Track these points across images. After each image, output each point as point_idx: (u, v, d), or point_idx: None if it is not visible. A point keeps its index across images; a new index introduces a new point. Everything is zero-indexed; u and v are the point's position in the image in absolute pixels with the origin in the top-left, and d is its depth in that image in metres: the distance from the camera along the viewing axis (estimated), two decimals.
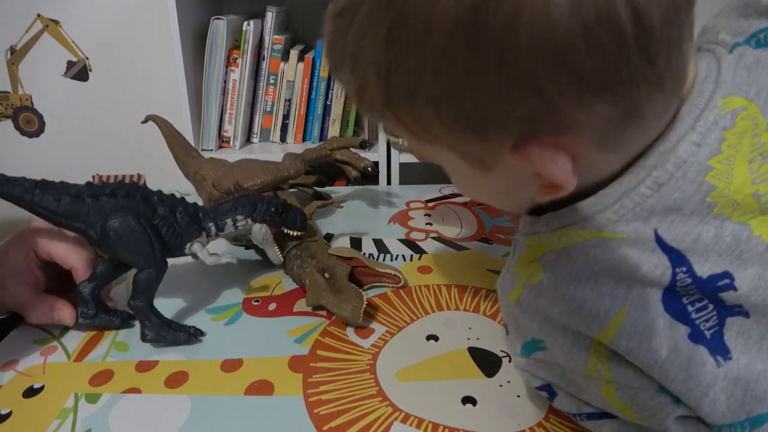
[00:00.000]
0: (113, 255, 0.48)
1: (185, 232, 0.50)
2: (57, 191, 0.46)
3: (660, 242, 0.29)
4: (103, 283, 0.50)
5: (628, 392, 0.30)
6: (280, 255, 0.56)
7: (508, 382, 0.45)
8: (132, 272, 0.49)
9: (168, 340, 0.49)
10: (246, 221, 0.53)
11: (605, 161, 0.30)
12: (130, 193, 0.47)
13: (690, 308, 0.29)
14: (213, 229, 0.52)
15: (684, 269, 0.29)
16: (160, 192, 0.50)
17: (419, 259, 0.65)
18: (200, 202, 0.82)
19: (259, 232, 0.53)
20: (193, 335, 0.50)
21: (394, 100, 0.29)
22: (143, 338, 0.49)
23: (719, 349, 0.29)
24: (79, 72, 1.46)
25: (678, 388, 0.29)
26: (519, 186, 0.32)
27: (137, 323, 0.50)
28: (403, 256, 0.66)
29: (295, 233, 0.56)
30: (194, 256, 0.51)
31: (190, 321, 0.54)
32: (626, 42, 0.23)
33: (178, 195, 0.52)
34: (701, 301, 0.29)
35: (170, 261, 0.50)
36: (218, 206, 0.53)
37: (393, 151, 1.19)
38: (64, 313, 0.50)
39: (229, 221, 0.52)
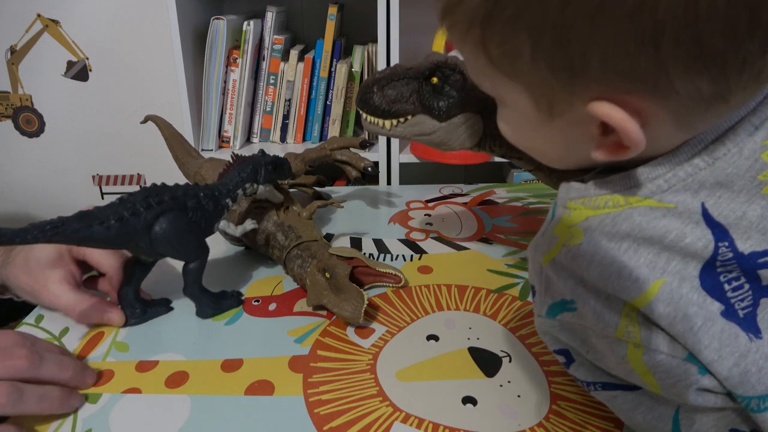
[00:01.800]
0: (162, 257, 0.51)
1: (213, 214, 0.53)
2: (100, 219, 0.46)
3: (706, 216, 0.30)
4: (140, 283, 0.53)
5: (655, 357, 0.30)
6: (277, 192, 0.62)
7: (508, 382, 0.45)
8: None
9: (224, 309, 0.55)
10: (252, 186, 0.57)
11: (672, 137, 0.31)
12: (161, 198, 0.49)
13: (726, 286, 0.29)
14: (230, 203, 0.55)
15: (726, 244, 0.29)
16: (178, 186, 0.52)
17: (419, 259, 0.65)
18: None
19: (265, 191, 0.58)
20: (237, 298, 0.56)
21: (494, 19, 0.28)
22: (204, 315, 0.54)
23: (751, 328, 0.29)
24: (79, 72, 1.46)
25: (710, 357, 0.29)
26: (576, 141, 0.32)
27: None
28: (403, 256, 0.66)
29: (288, 182, 0.62)
30: (224, 233, 0.56)
31: (190, 321, 0.54)
32: (757, 26, 0.24)
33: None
34: (738, 279, 0.29)
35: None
36: (226, 181, 0.56)
37: (393, 151, 1.19)
38: (114, 315, 0.52)
39: (239, 192, 0.56)
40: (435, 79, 0.51)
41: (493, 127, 0.52)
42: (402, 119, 0.52)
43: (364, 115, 0.53)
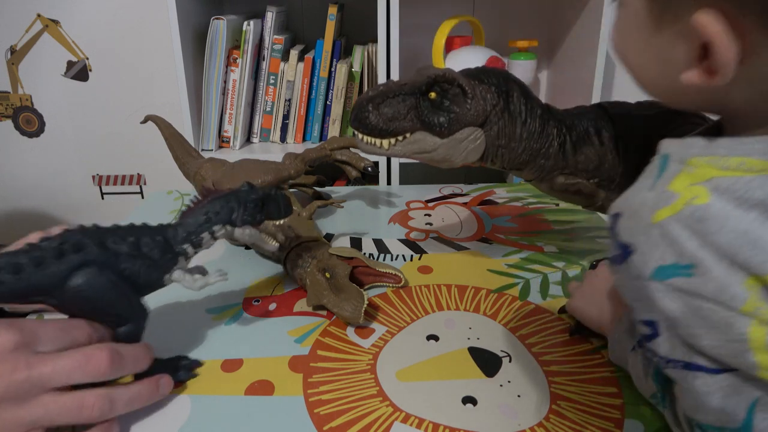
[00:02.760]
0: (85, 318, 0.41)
1: (159, 265, 0.43)
2: None
3: None
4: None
5: None
6: (273, 241, 0.53)
7: (508, 382, 0.45)
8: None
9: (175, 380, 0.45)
10: (225, 229, 0.46)
11: None
12: (80, 245, 0.39)
13: None
14: (190, 250, 0.45)
15: None
16: (116, 228, 0.42)
17: (419, 259, 0.65)
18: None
19: (243, 235, 0.47)
20: (188, 367, 0.47)
21: None
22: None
23: None
24: (79, 72, 1.46)
25: None
26: (673, 61, 0.32)
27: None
28: (403, 256, 0.66)
29: (281, 222, 0.52)
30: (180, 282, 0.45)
31: (190, 321, 0.54)
32: None
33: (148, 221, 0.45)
34: None
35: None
36: (189, 220, 0.45)
37: None
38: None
39: (205, 235, 0.45)
40: (433, 94, 0.49)
41: (494, 139, 0.52)
42: (400, 137, 0.50)
43: (360, 136, 0.50)
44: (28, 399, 0.35)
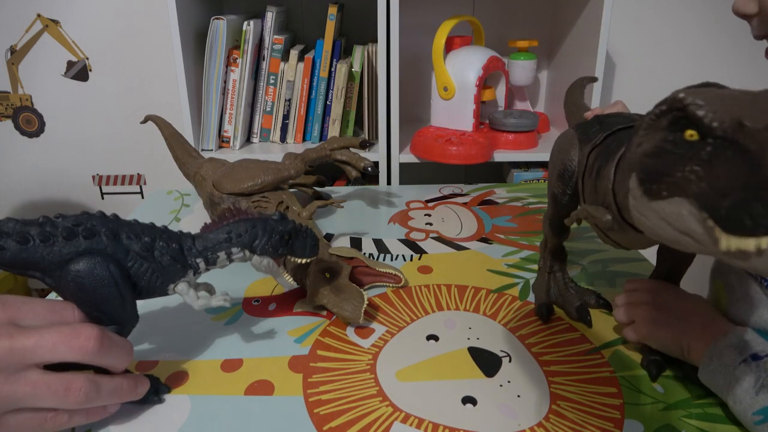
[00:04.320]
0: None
1: (167, 272, 0.41)
2: (0, 235, 0.37)
3: None
4: None
5: None
6: (290, 279, 0.49)
7: (508, 382, 0.45)
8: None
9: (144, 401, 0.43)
10: (243, 253, 0.44)
11: None
12: (93, 231, 0.38)
13: None
14: (202, 265, 0.43)
15: None
16: (134, 224, 0.41)
17: (419, 259, 0.65)
18: (200, 202, 0.83)
19: (260, 264, 0.45)
20: (157, 389, 0.44)
21: None
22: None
23: None
24: (79, 72, 1.46)
25: None
26: None
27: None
28: (403, 256, 0.66)
29: (303, 261, 0.48)
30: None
31: (190, 321, 0.54)
32: None
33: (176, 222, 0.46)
34: None
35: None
36: (209, 235, 0.44)
37: (393, 151, 1.19)
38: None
39: (221, 254, 0.43)
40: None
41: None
42: None
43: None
44: (12, 373, 0.34)
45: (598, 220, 0.36)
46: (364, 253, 0.66)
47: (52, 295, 0.54)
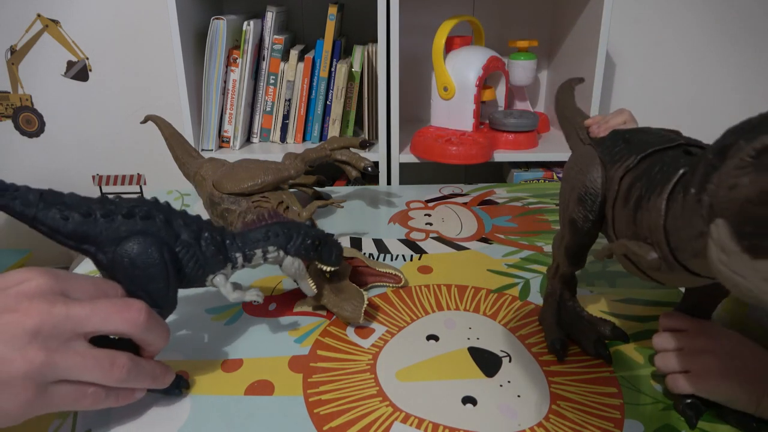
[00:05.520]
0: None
1: (209, 262, 0.43)
2: (64, 206, 0.39)
3: None
4: None
5: None
6: (313, 286, 0.50)
7: (508, 382, 0.45)
8: None
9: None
10: (278, 253, 0.46)
11: None
12: (150, 214, 0.40)
13: None
14: (240, 260, 0.45)
15: None
16: (184, 213, 0.43)
17: (419, 259, 0.65)
18: (200, 202, 0.83)
19: (291, 266, 0.47)
20: (177, 382, 0.44)
21: None
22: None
23: None
24: (79, 72, 1.46)
25: None
26: None
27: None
28: (403, 256, 0.66)
29: (329, 269, 0.50)
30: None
31: (190, 321, 0.54)
32: None
33: (204, 216, 0.46)
34: None
35: None
36: (248, 233, 0.46)
37: (393, 151, 1.19)
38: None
39: (258, 252, 0.46)
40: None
41: None
42: None
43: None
44: (64, 342, 0.34)
45: (640, 258, 0.32)
46: (364, 253, 0.66)
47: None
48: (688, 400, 0.41)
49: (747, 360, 0.40)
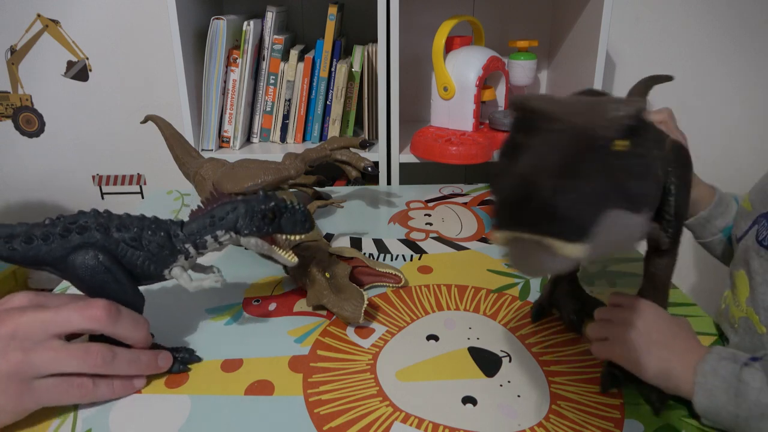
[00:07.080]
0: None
1: (157, 258, 0.44)
2: (10, 237, 0.42)
3: None
4: None
5: None
6: (289, 255, 0.48)
7: (508, 382, 0.45)
8: None
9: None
10: (230, 235, 0.45)
11: None
12: (85, 228, 0.42)
13: None
14: (192, 250, 0.45)
15: None
16: (124, 217, 0.45)
17: (419, 259, 0.65)
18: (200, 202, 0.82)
19: (248, 244, 0.46)
20: (184, 360, 0.48)
21: None
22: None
23: None
24: (79, 72, 1.46)
25: None
26: None
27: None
28: (403, 256, 0.66)
29: (297, 237, 0.48)
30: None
31: (190, 321, 0.54)
32: None
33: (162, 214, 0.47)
34: None
35: None
36: (192, 222, 0.46)
37: (393, 151, 1.19)
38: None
39: (209, 238, 0.45)
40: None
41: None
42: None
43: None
44: (37, 342, 0.39)
45: None
46: (364, 253, 0.66)
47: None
48: (611, 369, 0.44)
49: (663, 333, 0.42)
